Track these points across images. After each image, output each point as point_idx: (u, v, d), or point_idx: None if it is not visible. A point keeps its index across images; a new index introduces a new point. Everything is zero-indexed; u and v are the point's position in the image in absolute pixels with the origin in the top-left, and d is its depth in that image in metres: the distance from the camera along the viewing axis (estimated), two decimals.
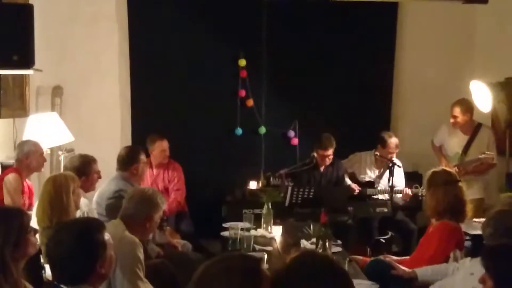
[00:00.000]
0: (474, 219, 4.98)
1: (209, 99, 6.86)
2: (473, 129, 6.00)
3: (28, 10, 4.29)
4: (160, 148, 6.10)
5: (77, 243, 2.50)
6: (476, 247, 4.35)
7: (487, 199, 5.96)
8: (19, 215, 2.82)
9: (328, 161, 6.05)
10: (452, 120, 5.95)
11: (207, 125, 6.87)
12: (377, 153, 6.16)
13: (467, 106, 5.94)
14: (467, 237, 4.55)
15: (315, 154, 6.03)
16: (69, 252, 2.48)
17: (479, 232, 3.75)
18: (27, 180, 5.00)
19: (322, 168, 6.11)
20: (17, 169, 4.83)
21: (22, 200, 4.75)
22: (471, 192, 5.23)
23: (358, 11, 6.81)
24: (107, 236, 2.61)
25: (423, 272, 3.77)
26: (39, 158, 4.96)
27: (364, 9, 6.81)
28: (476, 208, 5.48)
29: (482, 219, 4.21)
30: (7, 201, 4.63)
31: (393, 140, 6.13)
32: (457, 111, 5.91)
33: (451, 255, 3.81)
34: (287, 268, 2.00)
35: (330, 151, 5.98)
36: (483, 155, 5.63)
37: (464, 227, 4.25)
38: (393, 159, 6.03)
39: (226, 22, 6.79)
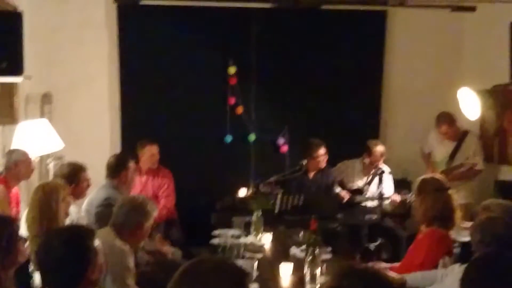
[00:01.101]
0: (464, 223, 4.99)
1: (199, 107, 6.85)
2: (459, 136, 6.07)
3: (17, 18, 4.27)
4: (150, 152, 6.11)
5: (68, 249, 2.49)
6: (465, 254, 4.37)
7: (475, 204, 5.99)
8: (8, 223, 2.81)
9: (324, 160, 6.06)
10: (442, 137, 6.06)
11: (196, 132, 6.85)
12: (365, 160, 6.19)
13: (451, 118, 6.05)
14: (456, 244, 4.57)
15: (303, 163, 6.03)
16: (60, 258, 2.47)
17: (468, 239, 3.76)
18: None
19: (311, 175, 6.13)
20: (5, 178, 4.81)
21: (11, 210, 4.72)
22: (458, 197, 5.26)
23: (347, 19, 6.89)
24: (97, 243, 2.61)
25: (412, 278, 3.78)
26: (28, 167, 4.95)
27: (353, 17, 6.90)
28: (463, 213, 5.51)
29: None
30: None
31: (378, 149, 6.16)
32: (444, 128, 6.04)
33: (440, 262, 3.82)
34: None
35: (323, 150, 6.01)
36: (467, 162, 5.70)
37: (453, 234, 4.27)
38: (381, 166, 6.06)
39: (216, 30, 6.79)
